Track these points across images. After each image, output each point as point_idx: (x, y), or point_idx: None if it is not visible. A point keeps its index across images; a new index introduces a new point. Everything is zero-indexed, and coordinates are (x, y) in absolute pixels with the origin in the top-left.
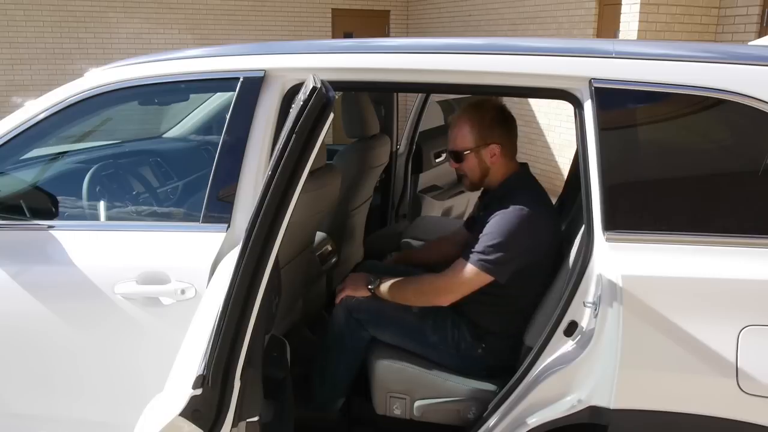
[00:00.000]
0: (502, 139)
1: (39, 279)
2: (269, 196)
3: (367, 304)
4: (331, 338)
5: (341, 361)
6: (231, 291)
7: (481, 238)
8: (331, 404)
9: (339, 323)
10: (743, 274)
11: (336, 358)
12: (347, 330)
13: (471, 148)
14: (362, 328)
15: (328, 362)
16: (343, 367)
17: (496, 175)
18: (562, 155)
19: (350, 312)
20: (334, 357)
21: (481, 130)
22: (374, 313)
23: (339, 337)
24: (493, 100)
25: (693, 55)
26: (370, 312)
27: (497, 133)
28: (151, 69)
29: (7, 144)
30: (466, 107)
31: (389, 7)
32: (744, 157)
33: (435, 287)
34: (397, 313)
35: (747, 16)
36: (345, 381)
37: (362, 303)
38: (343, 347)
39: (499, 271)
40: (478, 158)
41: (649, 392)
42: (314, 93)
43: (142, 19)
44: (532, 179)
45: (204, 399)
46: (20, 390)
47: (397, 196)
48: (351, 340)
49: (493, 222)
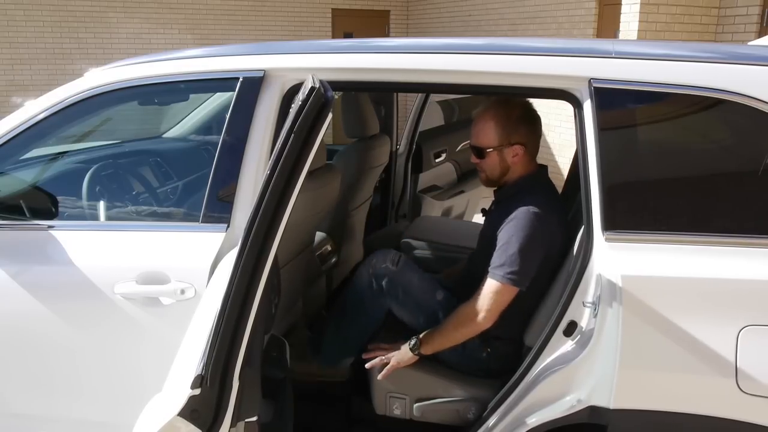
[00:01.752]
0: (526, 138)
1: (39, 279)
2: (268, 196)
3: (395, 276)
4: (351, 297)
5: (355, 321)
6: (229, 291)
7: (500, 251)
8: (339, 361)
9: (362, 286)
10: (743, 274)
11: (351, 318)
12: (369, 294)
13: (494, 146)
14: (383, 296)
15: (344, 320)
16: (357, 327)
17: (513, 174)
18: (562, 155)
19: (376, 278)
20: (350, 316)
21: (506, 128)
22: (401, 288)
23: (359, 298)
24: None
25: (693, 55)
26: (396, 284)
27: (522, 132)
28: (151, 69)
29: (7, 144)
30: (493, 103)
31: (389, 7)
32: (744, 157)
33: (470, 314)
34: (422, 296)
35: (747, 16)
36: (356, 341)
37: (390, 272)
38: (362, 309)
39: (523, 279)
40: (500, 157)
41: (648, 392)
42: (313, 93)
43: (142, 19)
44: (546, 182)
45: (202, 399)
46: (20, 390)
47: (397, 196)
48: (371, 305)
49: (507, 231)
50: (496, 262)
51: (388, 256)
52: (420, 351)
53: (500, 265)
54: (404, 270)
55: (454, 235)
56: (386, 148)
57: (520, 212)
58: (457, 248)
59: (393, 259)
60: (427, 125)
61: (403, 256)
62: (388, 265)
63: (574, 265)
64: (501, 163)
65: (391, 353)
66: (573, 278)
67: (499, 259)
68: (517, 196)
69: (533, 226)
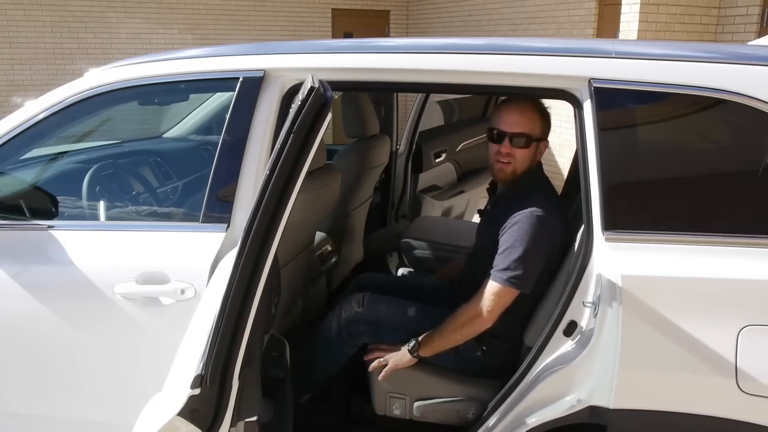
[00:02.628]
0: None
1: (39, 279)
2: (267, 196)
3: (364, 316)
4: (318, 341)
5: (318, 363)
6: (229, 290)
7: (503, 254)
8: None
9: (330, 333)
10: (743, 274)
11: (315, 359)
12: (336, 341)
13: (539, 137)
14: (351, 342)
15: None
16: (319, 369)
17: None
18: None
19: (348, 325)
20: (314, 357)
21: (546, 122)
22: (373, 324)
23: (326, 343)
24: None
25: (693, 55)
26: (368, 323)
27: (549, 129)
28: (151, 69)
29: (7, 144)
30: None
31: (389, 7)
32: (744, 157)
33: (471, 315)
34: (395, 321)
35: (747, 16)
36: (315, 383)
37: (359, 315)
38: (326, 354)
39: (527, 283)
40: (536, 150)
41: (648, 392)
42: (312, 93)
43: (142, 19)
44: (544, 178)
45: (202, 399)
46: (20, 390)
47: (397, 196)
48: (336, 350)
49: (511, 234)
50: (500, 266)
51: (353, 300)
52: (419, 353)
53: (504, 269)
54: (370, 306)
55: (454, 235)
56: (386, 148)
57: (523, 215)
58: (457, 248)
59: (358, 301)
60: (427, 125)
61: (367, 295)
62: (354, 308)
63: (574, 264)
64: (532, 157)
65: (389, 354)
66: (573, 278)
67: (502, 263)
68: (519, 196)
69: (537, 230)
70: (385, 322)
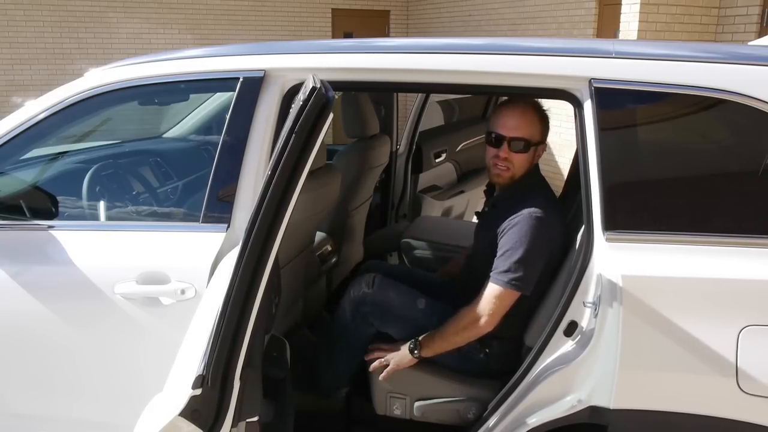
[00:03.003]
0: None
1: (39, 279)
2: (269, 196)
3: (373, 298)
4: (337, 330)
5: (344, 352)
6: (230, 291)
7: (504, 257)
8: (334, 392)
9: (345, 317)
10: (743, 274)
11: (340, 350)
12: (352, 325)
13: (538, 141)
14: (367, 323)
15: (333, 353)
16: (347, 358)
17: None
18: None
19: (357, 306)
20: (339, 348)
21: (545, 125)
22: (380, 307)
23: (344, 330)
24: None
25: (693, 55)
26: (376, 305)
27: (547, 134)
28: (151, 69)
29: (7, 144)
30: (527, 100)
31: (389, 7)
32: (744, 157)
33: (472, 318)
34: (403, 310)
35: (747, 16)
36: (348, 372)
37: (368, 296)
38: (348, 340)
39: (527, 285)
40: (534, 153)
41: (648, 392)
42: (314, 93)
43: (142, 19)
44: (541, 179)
45: (203, 399)
46: (20, 390)
47: (397, 196)
48: (356, 334)
49: (511, 236)
50: (500, 268)
51: (362, 281)
52: (420, 354)
53: (505, 271)
54: (380, 289)
55: (454, 235)
56: (386, 148)
57: (522, 217)
58: (457, 248)
59: (368, 282)
60: (427, 125)
61: (377, 276)
62: (363, 289)
63: (575, 265)
64: (530, 160)
65: (390, 354)
66: (573, 278)
67: (503, 265)
68: (517, 198)
69: (536, 231)
70: (393, 310)
